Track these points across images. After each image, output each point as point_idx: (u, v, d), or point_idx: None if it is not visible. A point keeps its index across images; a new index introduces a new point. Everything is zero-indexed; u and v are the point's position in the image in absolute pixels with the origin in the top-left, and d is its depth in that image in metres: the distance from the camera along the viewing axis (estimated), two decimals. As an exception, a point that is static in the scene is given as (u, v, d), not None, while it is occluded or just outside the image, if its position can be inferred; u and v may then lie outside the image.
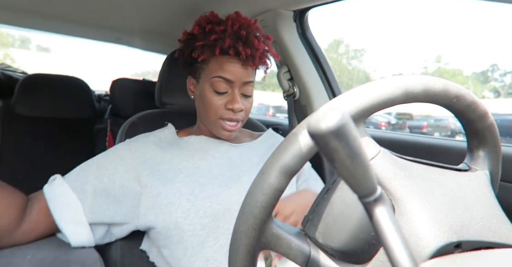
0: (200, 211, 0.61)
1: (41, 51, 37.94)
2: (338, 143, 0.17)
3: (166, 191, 0.62)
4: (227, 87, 0.67)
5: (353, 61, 38.11)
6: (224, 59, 0.66)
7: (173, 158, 0.67)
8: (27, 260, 0.56)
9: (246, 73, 0.68)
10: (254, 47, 0.66)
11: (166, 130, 0.76)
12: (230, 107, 0.66)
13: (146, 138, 0.71)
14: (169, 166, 0.66)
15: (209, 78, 0.67)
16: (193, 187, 0.63)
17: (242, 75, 0.67)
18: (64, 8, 1.33)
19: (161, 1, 1.16)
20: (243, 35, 0.65)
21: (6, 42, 28.27)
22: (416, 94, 0.31)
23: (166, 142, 0.72)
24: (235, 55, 0.65)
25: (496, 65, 36.18)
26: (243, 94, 0.69)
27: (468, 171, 0.37)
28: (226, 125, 0.68)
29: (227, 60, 0.66)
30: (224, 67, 0.66)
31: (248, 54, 0.65)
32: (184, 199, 0.62)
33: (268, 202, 0.29)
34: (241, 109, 0.67)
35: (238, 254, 0.31)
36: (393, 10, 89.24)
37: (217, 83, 0.67)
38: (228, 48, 0.65)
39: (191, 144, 0.72)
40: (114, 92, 1.56)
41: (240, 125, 0.71)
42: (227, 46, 0.64)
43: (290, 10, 1.03)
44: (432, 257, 0.26)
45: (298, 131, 0.30)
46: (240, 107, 0.66)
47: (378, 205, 0.20)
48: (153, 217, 0.62)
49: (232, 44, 0.65)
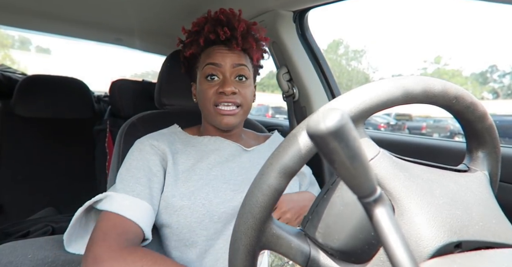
0: (214, 216, 0.62)
1: (41, 52, 37.95)
2: (337, 144, 0.17)
3: (180, 194, 0.63)
4: (218, 73, 0.69)
5: (352, 62, 38.17)
6: (211, 49, 0.70)
7: (189, 159, 0.68)
8: (28, 259, 0.56)
9: (233, 56, 0.69)
10: (234, 27, 0.68)
11: (176, 130, 0.76)
12: (221, 90, 0.66)
13: (162, 136, 0.71)
14: (184, 167, 0.66)
15: (201, 70, 0.70)
16: (207, 191, 0.63)
17: (230, 58, 0.69)
18: (64, 9, 1.33)
19: (161, 2, 1.16)
20: (222, 19, 0.68)
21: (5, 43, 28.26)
22: (416, 95, 0.31)
23: (180, 142, 0.72)
24: (217, 39, 0.68)
25: (495, 66, 36.25)
26: (238, 78, 0.70)
27: (467, 172, 0.37)
28: (221, 110, 0.67)
29: (214, 48, 0.70)
30: (211, 55, 0.69)
31: (227, 35, 0.67)
32: (199, 203, 0.62)
33: (268, 203, 0.29)
34: (232, 91, 0.66)
35: (238, 254, 0.31)
36: (392, 10, 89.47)
37: (207, 69, 0.69)
38: (208, 34, 0.67)
39: (206, 144, 0.72)
40: (114, 93, 1.57)
41: (239, 112, 0.69)
42: (206, 31, 0.67)
43: (289, 10, 1.03)
44: (432, 257, 0.26)
45: (298, 132, 0.30)
46: (231, 89, 0.66)
47: (378, 205, 0.20)
48: (167, 217, 0.62)
49: (212, 29, 0.68)
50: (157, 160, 0.65)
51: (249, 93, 0.71)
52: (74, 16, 1.42)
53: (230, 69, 0.68)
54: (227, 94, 0.66)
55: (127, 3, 1.21)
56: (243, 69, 0.70)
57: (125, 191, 0.59)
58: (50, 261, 0.57)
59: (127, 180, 0.61)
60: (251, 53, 0.73)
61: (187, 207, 0.61)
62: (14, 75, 1.70)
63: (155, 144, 0.67)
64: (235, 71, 0.69)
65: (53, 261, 0.57)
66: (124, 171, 0.63)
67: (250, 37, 0.70)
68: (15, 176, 1.39)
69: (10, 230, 1.04)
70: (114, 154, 0.80)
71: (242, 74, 0.70)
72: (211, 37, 0.67)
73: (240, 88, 0.69)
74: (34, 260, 0.57)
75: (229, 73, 0.68)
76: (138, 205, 0.58)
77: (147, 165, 0.64)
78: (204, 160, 0.68)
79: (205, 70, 0.69)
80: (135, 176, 0.62)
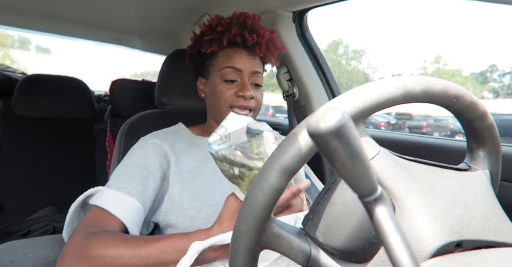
0: None
1: (41, 52, 37.93)
2: (338, 143, 0.17)
3: (187, 194, 0.63)
4: (237, 77, 0.69)
5: (352, 62, 38.14)
6: (232, 51, 0.69)
7: (194, 160, 0.68)
8: (29, 258, 0.57)
9: (254, 63, 0.70)
10: (260, 34, 0.69)
11: (180, 128, 0.76)
12: (241, 94, 0.67)
13: (166, 135, 0.71)
14: (189, 167, 0.66)
15: (219, 71, 0.70)
16: (213, 192, 0.63)
17: (250, 64, 0.69)
18: (64, 9, 1.33)
19: (161, 2, 1.16)
20: (249, 24, 0.69)
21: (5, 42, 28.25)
22: (416, 94, 0.31)
23: (184, 141, 0.72)
24: (242, 43, 0.68)
25: (495, 66, 36.22)
26: (253, 84, 0.71)
27: (468, 171, 0.37)
28: (236, 112, 0.68)
29: (235, 51, 0.69)
30: (232, 58, 0.69)
31: (254, 41, 0.67)
32: (206, 204, 0.62)
33: (268, 202, 0.29)
34: (251, 96, 0.68)
35: (238, 253, 0.31)
36: (392, 10, 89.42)
37: (227, 73, 0.69)
38: (234, 36, 0.67)
39: None
40: (114, 92, 1.56)
41: (252, 116, 0.71)
42: (233, 34, 0.67)
43: (289, 11, 1.03)
44: (433, 256, 0.26)
45: (298, 131, 0.30)
46: (251, 94, 0.67)
47: (378, 204, 0.20)
48: (174, 218, 0.62)
49: (238, 33, 0.68)
50: (156, 159, 0.65)
51: (261, 98, 0.73)
52: (74, 16, 1.42)
53: (248, 75, 0.70)
54: (246, 99, 0.68)
55: (127, 3, 1.21)
56: (259, 76, 0.72)
57: (117, 187, 0.59)
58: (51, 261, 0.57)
59: (121, 176, 0.61)
60: (267, 61, 0.75)
61: (194, 207, 0.61)
62: (14, 74, 1.70)
63: (157, 143, 0.67)
64: (252, 78, 0.71)
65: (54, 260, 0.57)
66: (121, 167, 0.64)
67: (272, 46, 0.72)
68: (15, 176, 1.39)
69: (11, 229, 1.04)
70: (115, 153, 0.81)
71: (258, 82, 0.72)
72: (237, 40, 0.68)
73: (256, 93, 0.71)
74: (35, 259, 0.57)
75: (247, 78, 0.70)
76: (126, 202, 0.57)
77: (145, 163, 0.63)
78: (209, 161, 0.68)
79: (224, 73, 0.69)
80: (130, 173, 0.61)
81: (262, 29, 0.70)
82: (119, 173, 0.62)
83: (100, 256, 0.48)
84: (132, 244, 0.50)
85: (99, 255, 0.48)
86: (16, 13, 1.39)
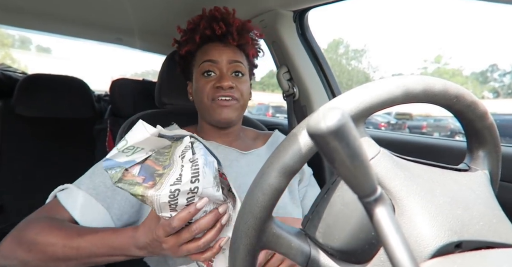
0: None
1: (41, 51, 37.95)
2: (338, 143, 0.17)
3: None
4: (214, 69, 0.69)
5: (352, 62, 38.13)
6: (207, 46, 0.70)
7: None
8: None
9: (229, 52, 0.70)
10: (230, 22, 0.69)
11: (173, 128, 0.75)
12: (219, 84, 0.67)
13: None
14: None
15: (198, 68, 0.70)
16: None
17: (225, 54, 0.69)
18: (65, 9, 1.33)
19: (161, 2, 1.16)
20: (217, 15, 0.69)
21: (6, 42, 28.27)
22: (416, 94, 0.31)
23: None
24: (213, 34, 0.68)
25: (496, 66, 36.20)
26: (234, 74, 0.70)
27: (468, 171, 0.37)
28: (220, 101, 0.67)
29: (210, 45, 0.70)
30: (207, 51, 0.70)
31: (223, 30, 0.68)
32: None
33: (268, 202, 0.29)
34: (230, 85, 0.67)
35: (238, 254, 0.31)
36: (392, 10, 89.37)
37: (204, 66, 0.69)
38: (204, 30, 0.68)
39: None
40: (114, 92, 1.56)
41: (236, 105, 0.69)
42: (202, 28, 0.68)
43: (290, 10, 1.03)
44: (433, 257, 0.26)
45: (298, 131, 0.30)
46: (229, 83, 0.66)
47: (378, 205, 0.20)
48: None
49: (207, 25, 0.68)
50: None
51: (245, 88, 0.71)
52: (75, 16, 1.42)
53: (226, 65, 0.69)
54: (225, 89, 0.67)
55: (128, 3, 1.21)
56: (239, 65, 0.71)
57: (87, 188, 0.59)
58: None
59: (95, 175, 0.61)
60: (247, 49, 0.74)
61: None
62: (14, 74, 1.70)
63: None
64: (232, 67, 0.70)
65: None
66: (99, 165, 0.63)
67: (246, 33, 0.71)
68: (15, 176, 1.39)
69: (10, 230, 1.04)
70: (114, 154, 0.80)
71: (238, 70, 0.70)
72: (207, 33, 0.68)
73: (237, 83, 0.69)
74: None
75: (225, 69, 0.69)
76: (90, 206, 0.57)
77: None
78: None
79: (201, 67, 0.69)
80: (105, 174, 0.60)
81: (233, 18, 0.70)
82: (95, 172, 0.62)
83: (33, 242, 0.50)
84: (66, 234, 0.50)
85: (32, 241, 0.50)
86: (17, 13, 1.39)
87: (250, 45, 0.73)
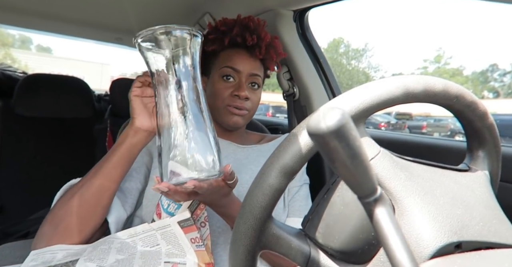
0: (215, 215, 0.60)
1: (42, 51, 37.93)
2: (338, 143, 0.17)
3: None
4: (235, 76, 0.71)
5: (353, 61, 38.10)
6: (233, 51, 0.71)
7: None
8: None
9: (253, 64, 0.72)
10: (261, 36, 0.70)
11: None
12: (237, 93, 0.69)
13: None
14: None
15: (219, 69, 0.71)
16: None
17: (249, 66, 0.71)
18: (65, 9, 1.33)
19: (161, 2, 1.16)
20: (251, 26, 0.70)
21: (6, 42, 28.26)
22: (416, 94, 0.31)
23: None
24: (242, 43, 0.70)
25: (496, 65, 36.19)
26: (251, 84, 0.73)
27: (468, 171, 0.37)
28: (233, 110, 0.70)
29: (236, 51, 0.71)
30: (232, 58, 0.71)
31: (254, 42, 0.69)
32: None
33: (268, 203, 0.29)
34: (246, 96, 0.69)
35: (238, 254, 0.31)
36: (393, 9, 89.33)
37: (225, 71, 0.70)
38: (235, 36, 0.69)
39: None
40: (114, 92, 1.57)
41: (247, 115, 0.72)
42: (234, 34, 0.69)
43: (290, 10, 1.03)
44: (433, 257, 0.26)
45: (298, 131, 0.30)
46: (246, 94, 0.69)
47: (378, 205, 0.20)
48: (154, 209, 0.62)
49: (239, 33, 0.69)
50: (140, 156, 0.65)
51: (257, 100, 0.75)
52: (75, 16, 1.42)
53: (246, 76, 0.71)
54: (241, 98, 0.69)
55: (127, 3, 1.21)
56: (257, 78, 0.73)
57: None
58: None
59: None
60: (267, 64, 0.76)
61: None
62: (14, 74, 1.70)
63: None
64: (250, 79, 0.72)
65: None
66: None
67: (272, 49, 0.73)
68: (15, 176, 1.39)
69: (10, 230, 1.04)
70: (114, 153, 0.80)
71: (255, 82, 0.73)
72: (238, 40, 0.69)
73: (251, 94, 0.72)
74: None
75: (245, 79, 0.71)
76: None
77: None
78: None
79: (222, 70, 0.71)
80: None
81: (264, 32, 0.72)
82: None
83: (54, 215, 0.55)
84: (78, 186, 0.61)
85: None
86: (17, 12, 1.39)
87: (272, 61, 0.75)
